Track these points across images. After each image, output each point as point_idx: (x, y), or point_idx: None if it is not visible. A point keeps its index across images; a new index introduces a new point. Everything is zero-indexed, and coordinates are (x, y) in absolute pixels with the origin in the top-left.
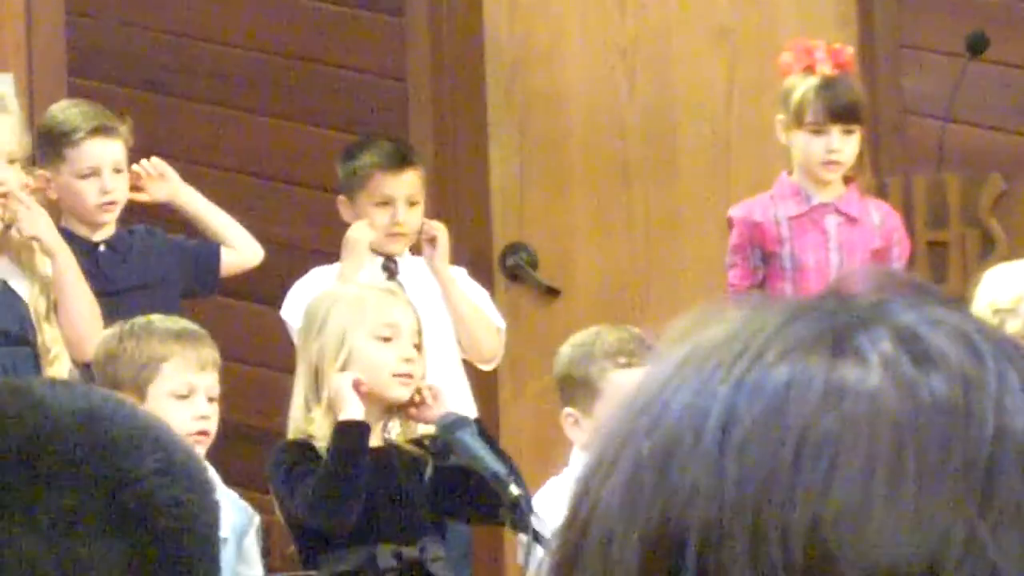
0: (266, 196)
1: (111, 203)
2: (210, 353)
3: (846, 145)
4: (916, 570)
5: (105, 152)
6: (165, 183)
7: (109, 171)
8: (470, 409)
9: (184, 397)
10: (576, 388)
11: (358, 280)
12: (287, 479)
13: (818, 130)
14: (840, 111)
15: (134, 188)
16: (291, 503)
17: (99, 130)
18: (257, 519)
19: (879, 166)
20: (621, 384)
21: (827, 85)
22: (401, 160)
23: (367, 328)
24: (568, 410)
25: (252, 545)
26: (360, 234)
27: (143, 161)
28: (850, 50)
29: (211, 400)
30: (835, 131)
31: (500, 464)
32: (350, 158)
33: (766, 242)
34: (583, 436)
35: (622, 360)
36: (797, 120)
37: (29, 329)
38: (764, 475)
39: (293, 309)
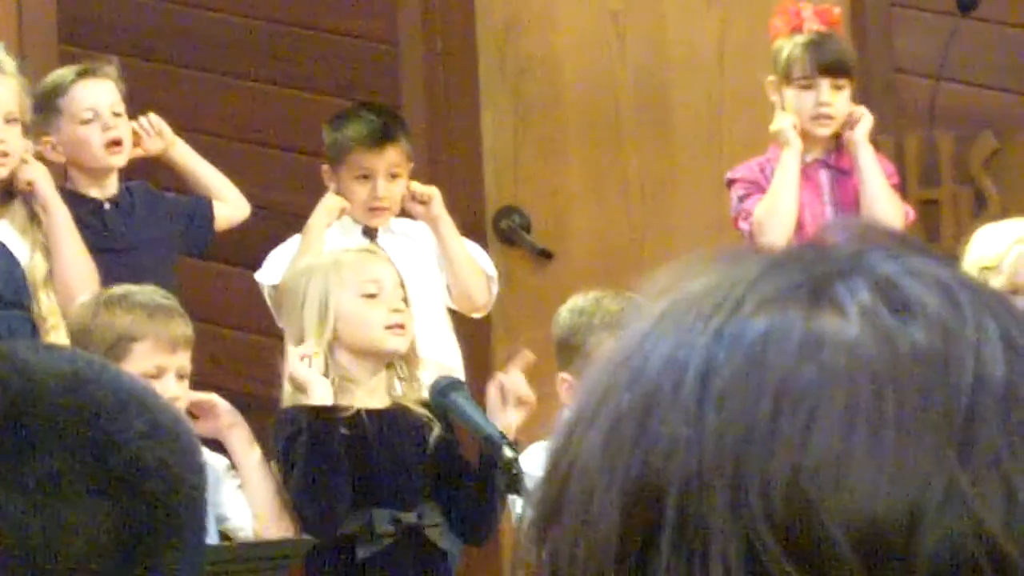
0: (258, 162)
1: (117, 142)
2: (183, 331)
3: (836, 99)
4: (896, 519)
5: (98, 93)
6: (160, 139)
7: (108, 113)
8: (459, 370)
9: (154, 377)
10: (573, 355)
11: (321, 237)
12: (285, 458)
13: (807, 84)
14: (828, 65)
15: (133, 146)
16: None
17: (87, 72)
18: (227, 469)
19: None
20: None
21: (815, 40)
22: (382, 136)
23: (350, 289)
24: (564, 375)
25: (232, 493)
26: (341, 203)
27: (141, 119)
28: (837, 10)
29: (181, 378)
30: (824, 85)
31: (494, 427)
32: (334, 130)
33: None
34: None
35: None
36: (787, 77)
37: (24, 293)
38: (743, 426)
39: (268, 271)
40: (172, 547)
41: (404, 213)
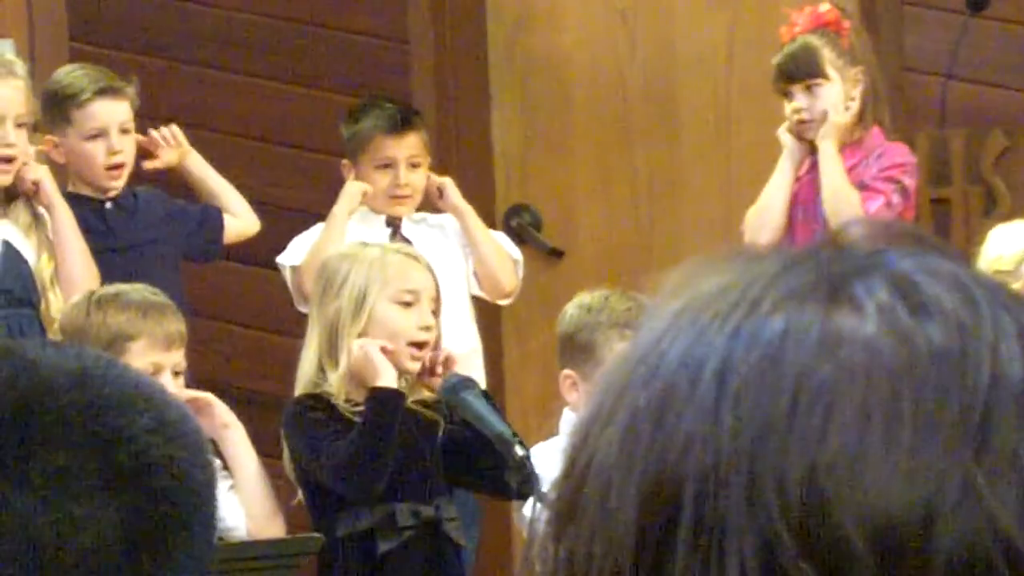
0: (268, 160)
1: (119, 166)
2: (177, 328)
3: (813, 100)
4: (912, 517)
5: (111, 113)
6: (176, 148)
7: (116, 131)
8: (478, 362)
9: (150, 375)
10: (578, 352)
11: (345, 224)
12: (311, 442)
13: (784, 95)
14: (787, 72)
15: (147, 155)
16: (315, 466)
17: (105, 91)
18: (218, 470)
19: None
20: None
21: (780, 55)
22: (402, 123)
23: (388, 292)
24: (567, 371)
25: (224, 494)
26: (363, 187)
27: (161, 128)
28: (825, 6)
29: (177, 375)
30: (796, 91)
31: (505, 425)
32: (352, 122)
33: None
34: (579, 400)
35: (628, 332)
36: (778, 94)
37: (33, 291)
38: (760, 424)
39: (290, 254)
40: (180, 542)
41: (432, 208)
